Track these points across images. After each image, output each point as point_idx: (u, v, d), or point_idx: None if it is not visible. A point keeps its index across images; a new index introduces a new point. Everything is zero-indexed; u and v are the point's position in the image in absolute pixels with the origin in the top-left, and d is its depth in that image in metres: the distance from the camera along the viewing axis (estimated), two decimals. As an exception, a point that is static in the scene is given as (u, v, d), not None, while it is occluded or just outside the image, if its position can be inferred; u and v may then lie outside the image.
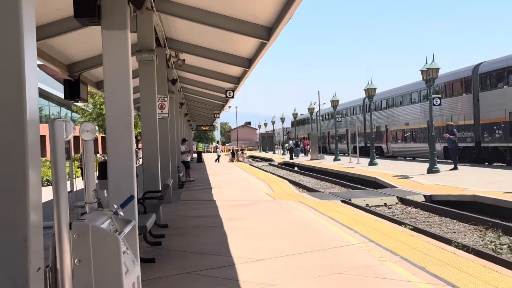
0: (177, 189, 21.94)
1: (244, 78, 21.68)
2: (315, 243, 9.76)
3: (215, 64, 20.68)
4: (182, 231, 12.02)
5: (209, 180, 28.01)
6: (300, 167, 45.97)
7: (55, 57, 16.25)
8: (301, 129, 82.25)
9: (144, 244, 10.14)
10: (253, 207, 15.92)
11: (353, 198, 19.66)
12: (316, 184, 30.52)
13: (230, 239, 10.59)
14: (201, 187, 23.72)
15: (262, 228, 11.89)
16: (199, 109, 44.44)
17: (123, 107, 8.07)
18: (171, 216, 14.33)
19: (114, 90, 8.08)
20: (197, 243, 10.41)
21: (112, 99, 8.10)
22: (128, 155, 8.09)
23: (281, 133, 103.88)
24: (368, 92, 36.32)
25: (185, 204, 17.33)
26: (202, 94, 31.66)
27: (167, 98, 17.37)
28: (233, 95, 24.65)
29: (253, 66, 18.06)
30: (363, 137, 52.84)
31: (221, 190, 21.90)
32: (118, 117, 8.07)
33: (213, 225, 12.55)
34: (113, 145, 8.09)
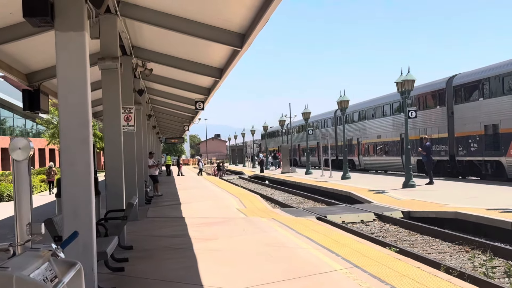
0: (144, 205, 20.91)
1: (215, 89, 20.78)
2: (294, 269, 8.87)
3: (185, 75, 19.76)
4: (148, 253, 11.04)
5: (178, 195, 26.99)
6: (271, 180, 45.12)
7: (12, 66, 15.17)
8: (271, 142, 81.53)
9: (105, 270, 9.17)
10: (224, 225, 14.98)
11: (328, 214, 18.84)
12: (288, 198, 29.68)
13: (200, 263, 9.65)
14: (169, 203, 22.70)
15: (234, 251, 10.97)
16: (168, 121, 43.38)
17: (80, 118, 7.12)
18: (136, 236, 13.33)
19: (70, 100, 7.14)
20: (163, 268, 9.45)
21: (67, 110, 7.15)
22: (86, 174, 7.14)
23: (252, 145, 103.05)
24: (340, 104, 35.67)
25: (152, 222, 16.32)
26: (171, 106, 30.67)
27: (133, 109, 16.38)
28: (203, 106, 23.71)
29: (225, 76, 17.18)
30: (335, 150, 52.24)
31: (190, 206, 20.92)
32: (74, 130, 7.12)
33: (181, 247, 11.58)
34: (68, 163, 7.13)
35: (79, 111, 7.11)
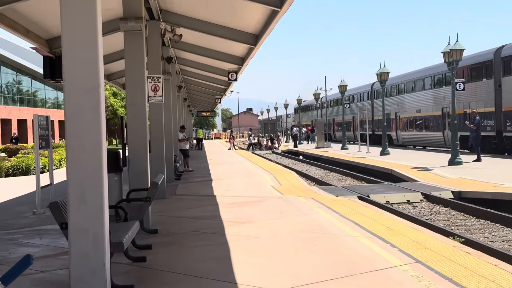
0: (173, 181, 19.73)
1: (249, 58, 19.36)
2: (344, 263, 7.49)
3: (217, 42, 18.39)
4: (174, 239, 9.75)
5: (209, 170, 25.75)
6: (306, 155, 43.67)
7: (30, 29, 13.94)
8: (304, 116, 79.85)
9: (125, 260, 7.91)
10: (259, 205, 13.65)
11: (371, 193, 17.41)
12: (325, 175, 28.24)
13: (233, 253, 8.33)
14: (200, 179, 21.46)
15: (272, 237, 9.61)
16: (199, 94, 42.12)
17: (89, 80, 5.80)
18: (162, 217, 12.09)
19: (77, 57, 5.81)
20: (191, 259, 8.16)
21: (73, 70, 5.82)
22: (95, 149, 5.83)
23: (285, 119, 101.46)
24: (380, 76, 33.93)
25: (181, 201, 15.07)
26: (203, 77, 29.36)
27: (161, 79, 15.06)
28: (236, 77, 22.32)
29: (260, 42, 15.75)
30: (371, 124, 50.50)
31: (222, 183, 19.64)
32: (82, 95, 5.80)
33: (212, 231, 10.28)
34: (74, 135, 5.82)
35: (87, 71, 5.79)
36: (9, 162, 29.00)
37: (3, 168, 27.70)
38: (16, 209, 14.78)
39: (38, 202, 13.73)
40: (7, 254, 9.03)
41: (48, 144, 14.88)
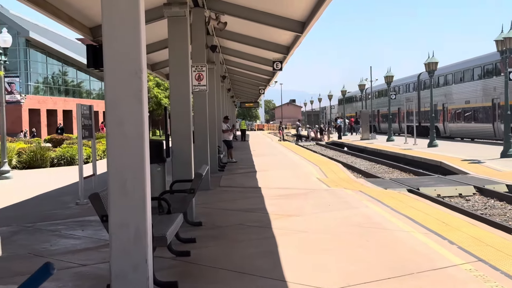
0: (217, 172, 19.41)
1: (295, 46, 18.87)
2: (400, 261, 7.01)
3: (262, 30, 17.95)
4: (219, 232, 9.40)
5: (253, 162, 25.40)
6: (351, 147, 42.99)
7: (74, 17, 13.73)
8: (348, 107, 78.87)
9: (168, 254, 7.58)
10: (306, 198, 13.22)
11: (421, 186, 16.82)
12: (371, 167, 27.62)
13: (280, 248, 7.92)
14: (244, 170, 21.12)
15: (321, 232, 9.18)
16: (243, 84, 41.76)
17: (131, 64, 5.45)
18: (207, 209, 11.76)
19: (119, 41, 5.46)
20: (237, 254, 7.78)
21: (114, 54, 5.48)
22: (138, 137, 5.48)
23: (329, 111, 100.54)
24: (428, 66, 33.06)
25: (225, 192, 14.73)
26: (246, 67, 28.97)
27: (205, 68, 14.73)
28: (281, 67, 21.86)
29: (307, 30, 15.27)
30: (417, 116, 49.47)
31: (266, 174, 19.26)
32: (124, 80, 5.46)
33: (258, 225, 9.90)
34: (115, 122, 5.48)
35: (129, 55, 5.43)
36: (54, 152, 29.14)
37: (48, 158, 27.83)
38: (60, 200, 14.65)
39: (81, 192, 13.55)
40: (49, 246, 8.80)
41: (91, 134, 14.70)
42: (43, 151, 28.08)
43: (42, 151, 28.12)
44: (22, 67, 64.22)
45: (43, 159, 27.64)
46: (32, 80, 65.86)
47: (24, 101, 56.63)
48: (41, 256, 8.06)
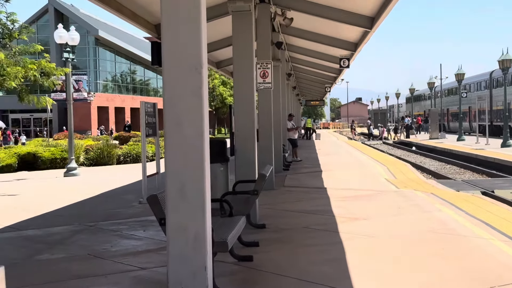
0: (281, 171, 19.03)
1: (363, 43, 18.29)
2: (481, 272, 6.46)
3: (329, 26, 17.47)
4: (283, 236, 9.02)
5: (318, 161, 24.91)
6: (419, 147, 41.90)
7: (138, 13, 13.58)
8: (416, 106, 77.23)
9: (230, 259, 7.24)
10: (373, 200, 12.70)
11: (496, 189, 16.02)
12: (441, 167, 26.73)
13: (349, 255, 7.47)
14: (309, 170, 20.67)
15: (391, 237, 8.68)
16: (309, 82, 41.24)
17: (190, 60, 5.12)
18: (271, 210, 11.39)
19: (177, 34, 5.14)
20: (302, 260, 7.38)
21: (172, 50, 5.16)
22: (197, 138, 5.15)
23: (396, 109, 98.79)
24: (502, 63, 31.82)
25: (289, 193, 14.34)
26: (312, 65, 28.46)
27: (270, 65, 14.39)
28: (348, 64, 21.32)
29: (376, 25, 14.72)
30: (488, 115, 47.85)
31: (332, 174, 18.76)
32: (182, 77, 5.14)
33: (324, 228, 9.47)
34: (173, 122, 5.17)
35: (189, 49, 5.11)
36: (120, 149, 29.40)
37: (115, 156, 28.09)
38: (124, 198, 14.57)
39: (145, 191, 13.39)
40: (109, 247, 8.60)
41: (155, 132, 14.55)
42: (110, 149, 28.37)
43: (109, 148, 28.42)
44: (91, 65, 65.53)
45: (110, 156, 27.92)
46: (101, 78, 67.09)
47: (93, 99, 57.68)
48: (101, 258, 7.87)
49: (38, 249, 8.69)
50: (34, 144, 32.08)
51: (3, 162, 25.80)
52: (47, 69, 17.24)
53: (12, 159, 26.05)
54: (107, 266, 7.42)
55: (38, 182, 20.46)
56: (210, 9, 14.20)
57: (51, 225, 10.79)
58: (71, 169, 22.22)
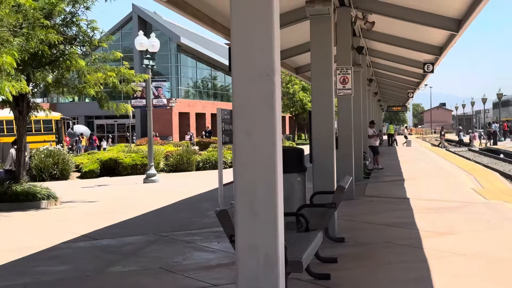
0: (362, 180, 18.41)
1: (449, 47, 17.48)
2: None
3: (412, 30, 16.80)
4: (363, 251, 8.52)
5: (400, 169, 24.09)
6: (508, 154, 40.16)
7: (216, 19, 13.39)
8: (504, 111, 74.50)
9: (305, 276, 6.81)
10: (460, 212, 11.96)
11: None
12: (532, 177, 25.36)
13: (434, 275, 6.90)
14: (390, 178, 19.95)
15: (481, 255, 8.01)
16: (391, 88, 40.26)
17: (261, 65, 4.73)
18: (350, 222, 10.89)
19: (247, 38, 4.77)
20: (384, 279, 6.87)
21: (242, 52, 4.78)
22: (269, 149, 4.76)
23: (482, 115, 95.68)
24: None
25: (370, 203, 13.76)
26: (395, 70, 27.66)
27: (351, 70, 13.88)
28: (432, 69, 20.53)
29: (464, 28, 13.95)
30: None
31: (415, 183, 18.00)
32: (252, 83, 4.75)
33: (406, 243, 8.89)
34: (243, 131, 4.79)
35: (260, 54, 4.72)
36: (200, 156, 29.44)
37: (194, 162, 28.13)
38: (200, 206, 14.38)
39: (221, 200, 13.09)
40: (181, 260, 8.33)
41: (231, 139, 14.26)
42: (189, 155, 28.44)
43: (188, 154, 28.48)
44: (173, 71, 66.49)
45: (189, 162, 27.99)
46: (183, 84, 67.93)
47: (175, 105, 58.37)
48: (172, 272, 7.60)
49: (110, 261, 8.53)
50: (116, 150, 32.59)
51: (86, 167, 26.29)
52: (126, 75, 17.30)
53: (94, 165, 26.49)
54: (178, 282, 7.15)
55: (117, 188, 20.63)
56: (288, 13, 13.85)
57: (126, 235, 10.68)
58: (151, 176, 22.33)
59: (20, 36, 12.72)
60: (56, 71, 15.79)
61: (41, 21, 13.22)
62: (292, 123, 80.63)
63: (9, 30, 11.88)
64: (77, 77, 16.38)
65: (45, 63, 15.02)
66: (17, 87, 11.89)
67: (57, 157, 25.26)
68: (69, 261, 8.59)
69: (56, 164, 24.99)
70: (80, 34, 15.64)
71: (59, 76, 16.11)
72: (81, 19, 15.59)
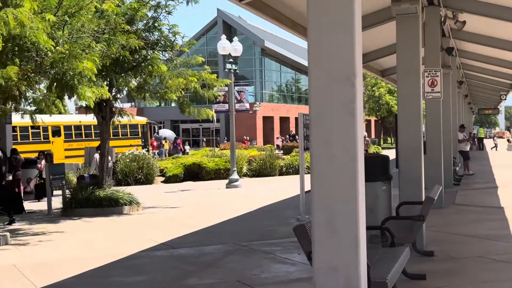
0: (451, 187, 17.53)
1: (547, 46, 16.42)
2: None
3: (507, 28, 15.83)
4: (454, 266, 7.89)
5: (492, 175, 22.93)
6: None
7: (297, 21, 13.00)
8: None
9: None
10: (561, 224, 11.07)
11: None
12: None
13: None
14: (482, 185, 18.95)
15: None
16: (482, 90, 38.66)
17: (341, 69, 4.29)
18: (439, 234, 10.25)
19: (325, 41, 4.35)
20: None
21: (319, 58, 4.37)
22: (350, 162, 4.31)
23: None
24: None
25: (461, 212, 13.00)
26: (486, 72, 26.41)
27: (439, 72, 13.18)
28: (527, 69, 19.38)
29: None
30: None
31: (510, 191, 16.98)
32: (331, 89, 4.32)
33: (502, 258, 8.19)
34: (321, 141, 4.36)
35: (340, 56, 4.29)
36: (283, 160, 29.10)
37: (277, 167, 27.82)
38: (281, 214, 14.01)
39: (302, 208, 12.70)
40: (259, 273, 7.96)
41: (314, 145, 13.83)
42: (272, 160, 28.14)
43: (271, 159, 28.19)
44: (257, 75, 66.57)
45: (272, 167, 27.70)
46: (267, 88, 67.92)
47: (259, 109, 58.36)
48: (250, 286, 7.23)
49: (187, 272, 8.27)
50: (200, 154, 32.70)
51: (170, 172, 26.44)
52: (208, 80, 17.17)
53: (178, 169, 26.61)
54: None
55: (200, 193, 20.55)
56: (372, 14, 13.29)
57: (204, 244, 10.43)
58: (233, 181, 22.16)
59: (102, 41, 12.73)
60: (139, 77, 15.81)
61: (122, 26, 13.19)
62: (378, 126, 79.25)
63: (90, 36, 11.87)
64: (159, 82, 16.36)
65: (127, 69, 15.04)
66: (98, 93, 11.87)
67: (141, 161, 25.53)
68: (145, 272, 8.38)
69: (141, 169, 25.26)
70: (162, 39, 15.59)
71: (142, 82, 16.15)
72: (162, 23, 15.53)
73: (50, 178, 15.99)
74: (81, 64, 10.72)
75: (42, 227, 13.23)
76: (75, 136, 35.63)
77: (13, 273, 8.65)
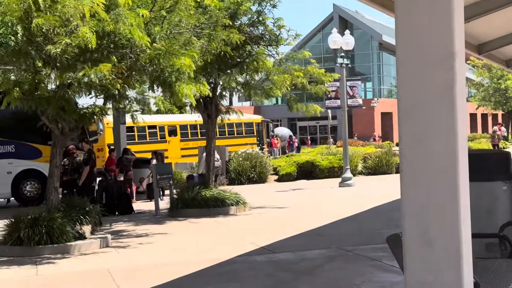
0: None
1: None
2: None
3: None
4: None
5: None
6: None
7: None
8: None
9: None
10: None
11: None
12: None
13: None
14: None
15: None
16: None
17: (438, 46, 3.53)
18: None
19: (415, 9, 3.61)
20: None
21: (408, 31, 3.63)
22: (449, 161, 3.54)
23: None
24: None
25: None
26: None
27: None
28: None
29: None
30: None
31: None
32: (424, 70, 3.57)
33: None
34: (411, 136, 3.62)
35: (434, 32, 3.53)
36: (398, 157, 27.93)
37: (393, 164, 26.66)
38: (391, 216, 13.08)
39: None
40: (360, 283, 7.23)
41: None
42: (388, 157, 27.03)
43: (387, 156, 27.10)
44: (375, 71, 65.03)
45: (388, 165, 26.60)
46: (385, 83, 66.21)
47: (376, 105, 56.91)
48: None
49: (281, 281, 7.69)
50: (315, 152, 32.04)
51: (283, 170, 25.98)
52: (316, 75, 16.50)
53: (291, 167, 26.09)
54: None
55: (311, 193, 19.92)
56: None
57: (307, 248, 9.81)
58: (346, 179, 21.34)
59: (203, 37, 12.37)
60: (244, 73, 15.41)
61: (223, 21, 12.78)
62: (505, 120, 75.17)
63: (190, 31, 11.51)
64: (265, 78, 15.90)
65: (231, 65, 14.66)
66: (197, 90, 11.48)
67: (254, 160, 25.23)
68: (237, 279, 7.87)
69: (254, 167, 24.95)
70: (266, 33, 15.08)
71: (248, 78, 15.75)
72: (267, 17, 15.02)
73: (158, 178, 15.89)
74: (179, 60, 10.37)
75: (146, 229, 13.07)
76: (191, 136, 35.93)
77: (103, 278, 8.39)
